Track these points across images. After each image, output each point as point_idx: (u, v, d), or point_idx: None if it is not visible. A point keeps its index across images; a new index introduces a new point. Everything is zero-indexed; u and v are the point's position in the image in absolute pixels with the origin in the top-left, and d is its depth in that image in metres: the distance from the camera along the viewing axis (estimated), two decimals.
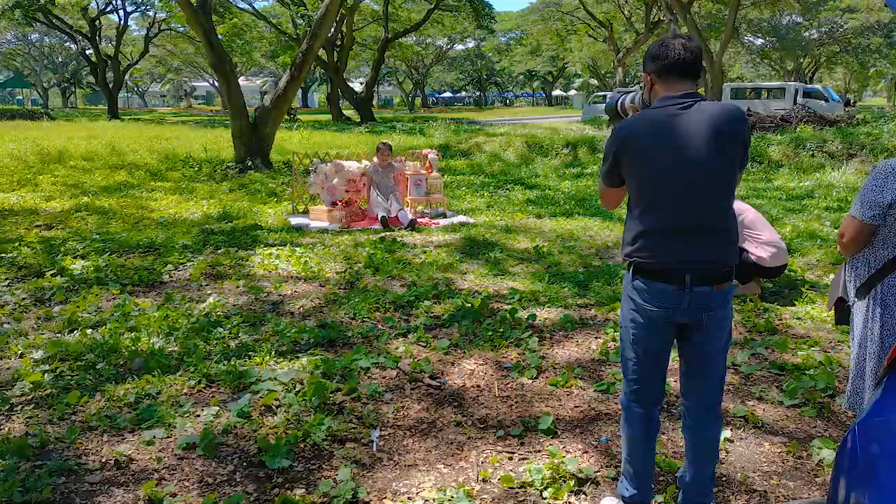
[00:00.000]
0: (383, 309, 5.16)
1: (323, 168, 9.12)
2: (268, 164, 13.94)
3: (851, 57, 57.90)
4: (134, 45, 60.95)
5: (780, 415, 3.62)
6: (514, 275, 6.14)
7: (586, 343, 4.53)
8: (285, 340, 4.48)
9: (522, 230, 8.21)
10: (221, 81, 14.21)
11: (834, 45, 54.81)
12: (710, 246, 2.43)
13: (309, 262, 6.46)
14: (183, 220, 8.78)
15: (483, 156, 17.04)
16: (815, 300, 5.44)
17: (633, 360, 2.61)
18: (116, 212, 9.30)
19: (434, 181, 9.40)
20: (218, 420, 3.47)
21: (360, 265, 6.45)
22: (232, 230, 7.91)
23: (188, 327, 4.66)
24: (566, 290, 5.64)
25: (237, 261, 6.57)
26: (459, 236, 7.81)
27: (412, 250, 7.11)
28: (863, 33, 51.19)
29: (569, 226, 8.51)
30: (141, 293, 5.62)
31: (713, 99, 24.29)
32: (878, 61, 60.66)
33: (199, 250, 6.93)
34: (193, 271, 6.17)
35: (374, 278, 6.00)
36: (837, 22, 53.46)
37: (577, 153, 16.40)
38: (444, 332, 4.73)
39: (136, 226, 8.43)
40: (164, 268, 6.26)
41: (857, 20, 47.77)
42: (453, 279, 5.98)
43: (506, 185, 12.10)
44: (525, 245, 7.35)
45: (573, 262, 6.62)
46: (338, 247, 7.23)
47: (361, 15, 43.78)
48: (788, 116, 22.40)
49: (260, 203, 10.14)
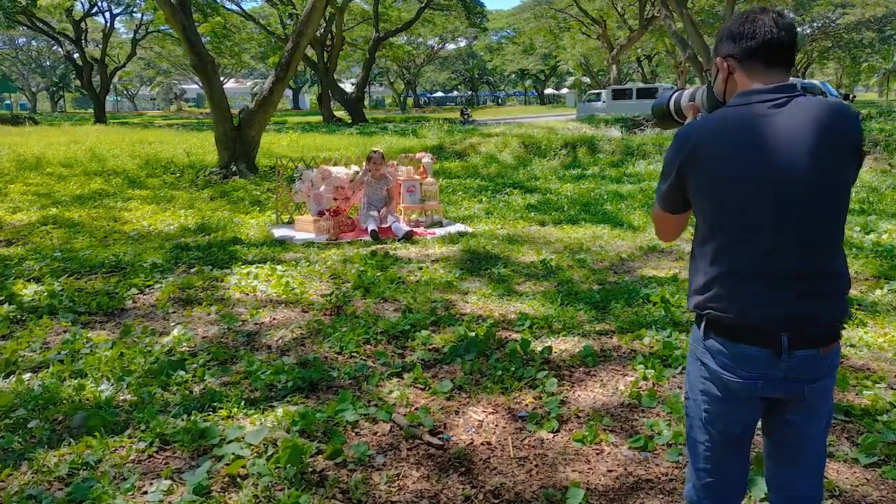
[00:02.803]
0: (374, 341, 4.48)
1: (309, 174, 8.43)
2: (253, 170, 13.23)
3: (844, 52, 57.85)
4: (121, 47, 60.08)
5: (858, 478, 2.96)
6: (521, 295, 5.46)
7: (612, 382, 3.86)
8: (259, 384, 3.80)
9: (526, 240, 7.54)
10: (203, 83, 13.49)
11: (826, 40, 54.73)
12: (815, 296, 1.77)
13: (291, 282, 5.78)
14: (156, 234, 8.08)
15: (478, 157, 16.38)
16: (865, 321, 4.79)
17: (706, 445, 1.95)
18: (85, 225, 8.59)
19: (429, 187, 8.72)
20: (169, 499, 2.79)
21: (348, 285, 5.77)
22: (208, 245, 7.21)
23: (145, 369, 3.97)
24: (582, 314, 4.97)
25: (211, 282, 5.88)
26: (458, 248, 7.14)
27: (407, 266, 6.43)
28: (855, 28, 51.11)
29: (576, 234, 7.85)
30: (97, 324, 4.92)
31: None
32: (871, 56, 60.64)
33: (169, 270, 6.24)
34: (161, 295, 5.48)
35: (365, 301, 5.32)
36: (830, 17, 53.41)
37: (576, 154, 15.74)
38: (446, 371, 4.05)
39: (104, 241, 7.73)
40: (128, 291, 5.56)
41: (852, 15, 47.33)
42: (454, 301, 5.30)
43: (504, 189, 11.43)
44: (531, 258, 6.68)
45: (586, 278, 5.96)
46: (324, 263, 6.54)
47: (351, 15, 43.08)
48: None
49: (242, 213, 9.44)
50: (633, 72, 66.42)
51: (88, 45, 47.17)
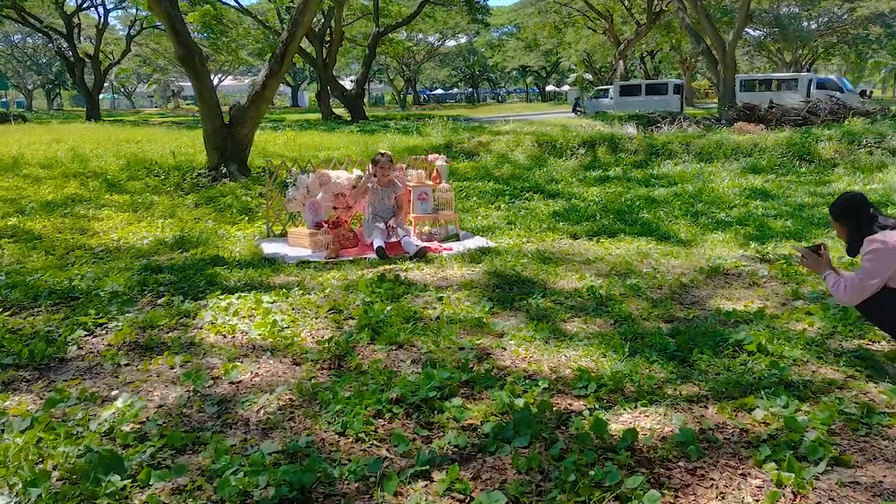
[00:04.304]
0: (389, 413, 3.32)
1: (305, 180, 7.26)
2: (245, 172, 12.06)
3: (851, 48, 57.18)
4: (117, 44, 58.88)
5: None
6: (572, 338, 4.29)
7: (733, 491, 2.69)
8: (228, 493, 2.64)
9: (561, 258, 6.38)
10: (191, 77, 12.30)
11: (832, 35, 54.07)
12: None
13: (280, 319, 4.61)
14: (126, 250, 6.91)
15: (489, 157, 15.20)
16: None
17: None
18: (46, 238, 7.43)
19: (443, 195, 7.55)
20: None
21: (351, 323, 4.60)
22: (183, 267, 6.04)
23: (65, 470, 2.81)
24: (657, 368, 3.81)
25: (180, 318, 4.72)
26: (482, 270, 5.97)
27: (422, 294, 5.26)
28: (862, 23, 50.43)
29: (617, 250, 6.69)
30: (23, 383, 3.76)
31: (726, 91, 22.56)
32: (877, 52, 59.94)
33: (130, 301, 5.07)
34: (113, 339, 4.32)
35: (373, 348, 4.16)
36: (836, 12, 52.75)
37: (595, 153, 14.56)
38: (490, 466, 2.89)
39: (63, 259, 6.57)
40: (73, 333, 4.40)
41: (865, 8, 46.26)
42: (488, 348, 4.14)
43: (523, 194, 10.26)
44: (572, 283, 5.52)
45: (647, 312, 4.79)
46: (322, 290, 5.37)
47: (350, 10, 41.92)
48: (816, 108, 20.69)
49: (228, 223, 8.28)
50: (636, 68, 65.37)
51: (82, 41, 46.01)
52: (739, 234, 7.33)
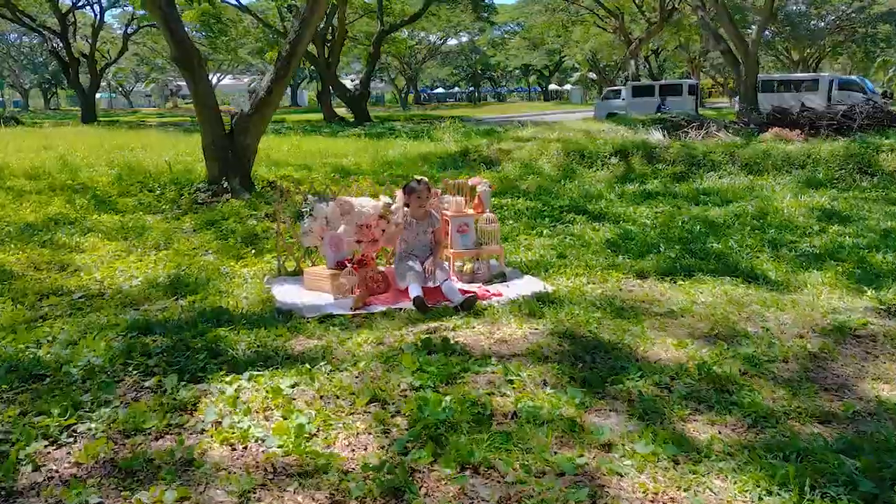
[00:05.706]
0: None
1: (323, 209, 6.11)
2: (248, 187, 10.91)
3: (859, 46, 56.50)
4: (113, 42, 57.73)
5: None
6: (707, 454, 3.14)
7: None
8: None
9: (638, 309, 5.23)
10: (188, 80, 11.15)
11: (839, 33, 53.36)
12: None
13: (306, 421, 3.45)
14: (111, 295, 5.76)
15: (511, 166, 14.07)
16: None
17: None
18: (19, 277, 6.29)
19: (487, 226, 6.40)
20: None
21: (400, 422, 3.45)
22: (179, 325, 4.89)
23: None
24: None
25: (174, 414, 3.57)
26: (547, 328, 4.82)
27: (484, 369, 4.10)
28: (870, 22, 49.76)
29: (702, 296, 5.55)
30: None
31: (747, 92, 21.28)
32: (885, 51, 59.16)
33: (108, 386, 3.90)
34: (84, 454, 3.17)
35: (438, 475, 3.01)
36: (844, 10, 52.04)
37: (629, 163, 13.41)
38: None
39: (35, 308, 5.43)
40: (30, 445, 3.25)
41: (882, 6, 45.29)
42: (596, 473, 3.00)
43: (563, 215, 9.11)
44: (669, 352, 4.37)
45: (788, 404, 3.63)
46: (354, 363, 4.22)
47: (352, 8, 40.75)
48: (851, 113, 19.54)
49: (232, 256, 7.12)
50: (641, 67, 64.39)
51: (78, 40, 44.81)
52: (839, 273, 6.19)
